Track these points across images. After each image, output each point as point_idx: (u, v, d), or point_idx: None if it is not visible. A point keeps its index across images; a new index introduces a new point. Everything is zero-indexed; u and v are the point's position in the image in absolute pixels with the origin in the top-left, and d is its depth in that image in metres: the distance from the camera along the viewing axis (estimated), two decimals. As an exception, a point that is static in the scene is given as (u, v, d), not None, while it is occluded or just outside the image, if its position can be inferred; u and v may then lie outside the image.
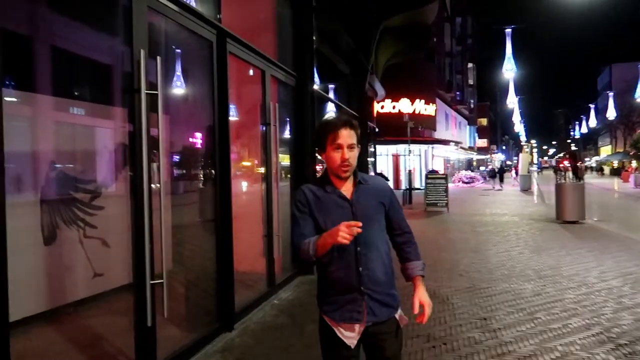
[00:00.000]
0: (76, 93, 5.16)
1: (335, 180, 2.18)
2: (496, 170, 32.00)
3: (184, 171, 6.09)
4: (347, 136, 2.11)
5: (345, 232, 1.88)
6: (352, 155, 2.13)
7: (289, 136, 7.19)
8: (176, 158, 5.88)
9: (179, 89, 5.47)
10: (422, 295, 2.23)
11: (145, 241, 3.24)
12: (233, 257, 4.77)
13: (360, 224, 1.91)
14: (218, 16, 4.86)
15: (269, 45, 6.46)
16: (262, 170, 5.98)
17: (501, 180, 30.34)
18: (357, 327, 2.15)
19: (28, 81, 4.36)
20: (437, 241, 9.94)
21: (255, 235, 6.00)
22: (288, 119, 7.13)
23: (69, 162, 5.00)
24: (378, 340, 2.17)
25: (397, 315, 2.23)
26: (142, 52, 3.28)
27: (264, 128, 5.84)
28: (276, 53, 6.67)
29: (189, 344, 4.02)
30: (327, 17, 8.62)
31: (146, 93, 3.28)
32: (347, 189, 2.18)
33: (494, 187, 28.91)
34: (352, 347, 2.15)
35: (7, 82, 3.62)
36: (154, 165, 3.44)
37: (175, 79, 5.37)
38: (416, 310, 2.21)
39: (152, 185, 3.40)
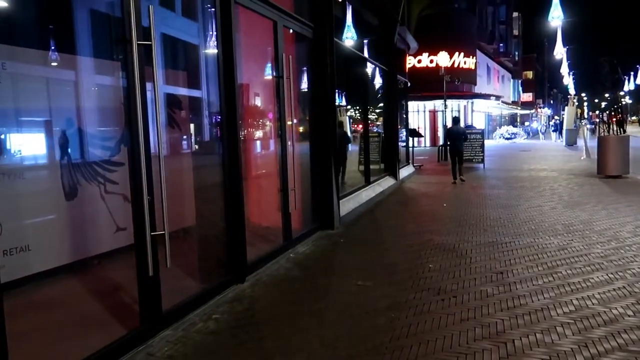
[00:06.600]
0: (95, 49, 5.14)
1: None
2: (558, 124, 36.30)
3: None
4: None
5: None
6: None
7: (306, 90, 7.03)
8: (218, 118, 5.81)
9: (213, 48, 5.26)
10: None
11: (143, 194, 3.27)
12: (244, 210, 4.78)
13: None
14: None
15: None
16: (277, 125, 5.89)
17: (560, 133, 33.48)
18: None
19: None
20: (467, 197, 9.71)
21: (273, 190, 6.00)
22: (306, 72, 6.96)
23: (86, 120, 5.07)
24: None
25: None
26: (132, 1, 3.22)
27: (278, 82, 5.72)
28: (292, 3, 6.45)
29: (197, 294, 4.11)
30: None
31: (138, 44, 3.23)
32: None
33: (555, 141, 32.24)
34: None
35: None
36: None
37: (212, 38, 5.16)
38: None
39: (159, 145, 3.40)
